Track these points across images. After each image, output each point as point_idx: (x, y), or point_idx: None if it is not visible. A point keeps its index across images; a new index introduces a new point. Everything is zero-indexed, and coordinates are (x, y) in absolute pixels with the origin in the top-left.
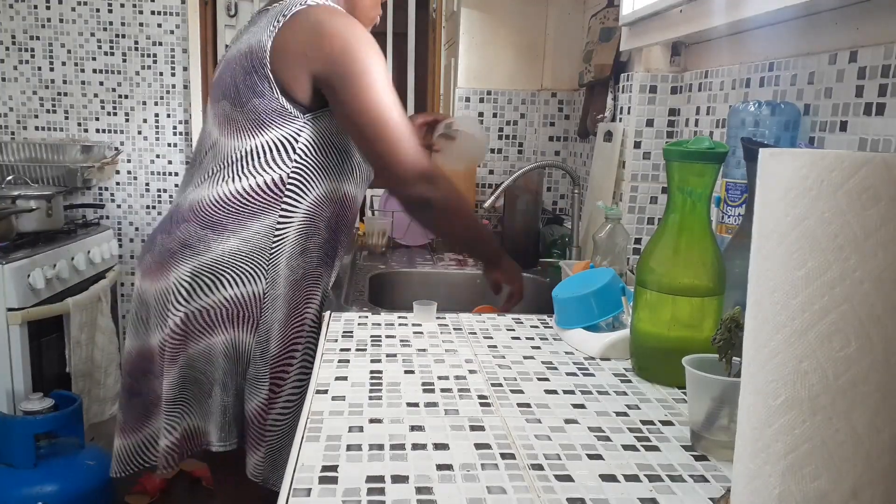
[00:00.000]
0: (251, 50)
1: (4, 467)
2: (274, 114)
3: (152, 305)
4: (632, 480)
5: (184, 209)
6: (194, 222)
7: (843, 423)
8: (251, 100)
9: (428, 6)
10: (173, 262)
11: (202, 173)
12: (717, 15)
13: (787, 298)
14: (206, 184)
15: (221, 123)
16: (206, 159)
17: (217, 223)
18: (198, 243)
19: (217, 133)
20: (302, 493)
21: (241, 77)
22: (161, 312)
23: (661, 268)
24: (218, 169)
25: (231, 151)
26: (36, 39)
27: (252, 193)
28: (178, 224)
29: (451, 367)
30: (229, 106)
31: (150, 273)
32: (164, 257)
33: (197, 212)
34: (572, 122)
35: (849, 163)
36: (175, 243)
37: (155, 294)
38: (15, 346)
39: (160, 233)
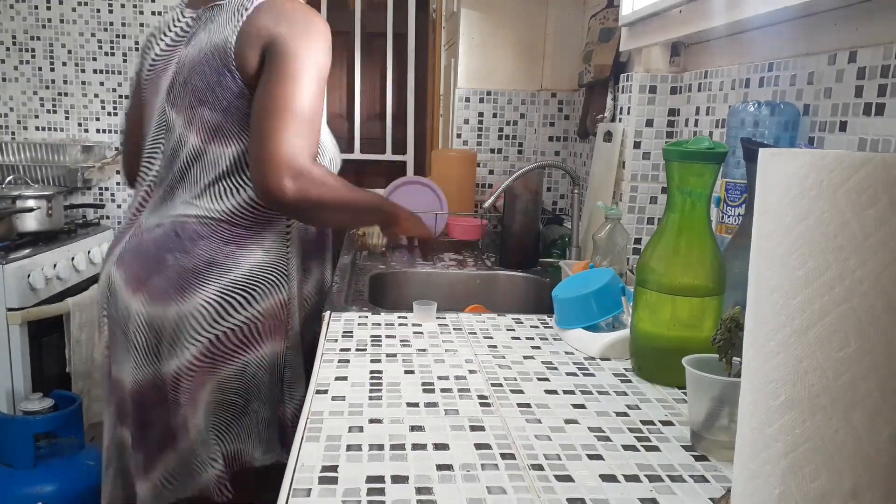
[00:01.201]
0: (216, 48)
1: (4, 467)
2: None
3: (167, 331)
4: (632, 480)
5: (192, 225)
6: (215, 239)
7: (843, 423)
8: (232, 102)
9: (428, 7)
10: (198, 284)
11: (196, 185)
12: (717, 15)
13: (786, 298)
14: (209, 197)
15: (202, 130)
16: (192, 170)
17: (239, 237)
18: (225, 260)
19: (198, 141)
20: (302, 494)
21: (214, 78)
22: (180, 338)
23: (661, 268)
24: (217, 179)
25: (226, 160)
26: (36, 40)
27: (260, 206)
28: (193, 241)
29: (451, 367)
30: (209, 112)
31: (162, 297)
32: (185, 278)
33: (213, 227)
34: (572, 122)
35: (848, 163)
36: (199, 262)
37: (173, 319)
38: (15, 346)
39: (169, 252)
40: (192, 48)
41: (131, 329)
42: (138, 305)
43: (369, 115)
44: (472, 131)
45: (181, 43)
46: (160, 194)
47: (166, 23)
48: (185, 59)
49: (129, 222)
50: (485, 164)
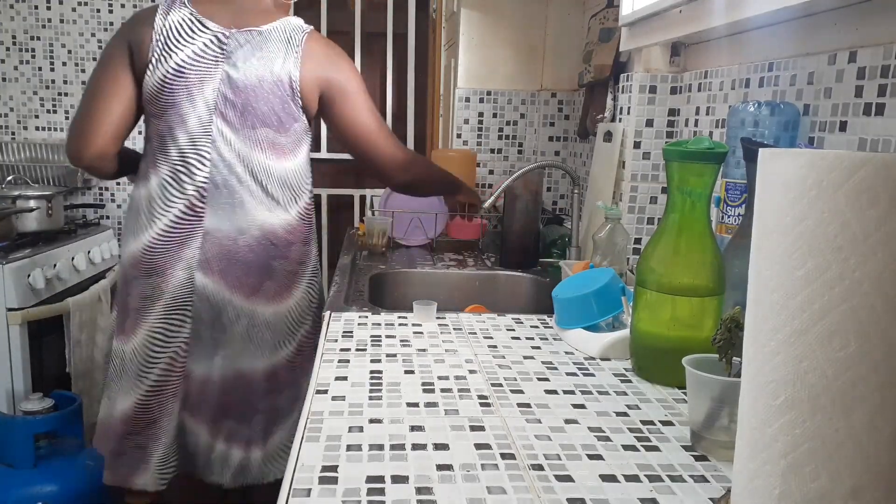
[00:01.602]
0: (280, 80)
1: (4, 467)
2: (304, 132)
3: (280, 325)
4: (632, 480)
5: (282, 234)
6: (298, 242)
7: (843, 423)
8: (292, 125)
9: (428, 7)
10: (295, 282)
11: (268, 197)
12: (717, 15)
13: (786, 298)
14: (283, 206)
15: (264, 149)
16: (258, 182)
17: (307, 238)
18: (306, 258)
19: (263, 158)
20: (302, 494)
21: (278, 106)
22: (289, 327)
23: (661, 268)
24: (282, 191)
25: (286, 173)
26: (36, 40)
27: (310, 205)
28: (288, 248)
29: (451, 367)
30: (272, 133)
31: (273, 298)
32: (287, 280)
33: (294, 232)
34: (572, 122)
35: (848, 163)
36: (293, 265)
37: (281, 314)
38: (15, 346)
39: (273, 259)
40: (244, 71)
41: (238, 329)
42: (254, 307)
43: None
44: (472, 131)
45: (220, 59)
46: (223, 203)
47: (181, 25)
48: (238, 82)
49: (180, 226)
50: (485, 164)
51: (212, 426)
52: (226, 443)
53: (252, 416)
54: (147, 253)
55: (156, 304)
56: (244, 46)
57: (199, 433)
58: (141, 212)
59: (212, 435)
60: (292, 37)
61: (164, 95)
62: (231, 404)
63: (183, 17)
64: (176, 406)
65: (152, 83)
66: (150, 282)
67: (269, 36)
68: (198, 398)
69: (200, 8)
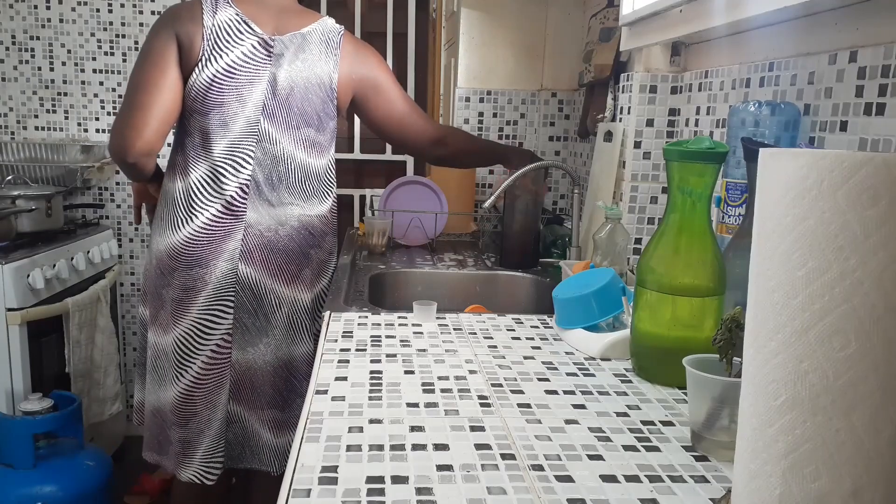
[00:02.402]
0: (322, 82)
1: (4, 468)
2: (335, 130)
3: (315, 309)
4: (632, 481)
5: (318, 225)
6: (331, 233)
7: (843, 424)
8: (329, 123)
9: (428, 6)
10: (326, 269)
11: (305, 191)
12: (717, 15)
13: (787, 298)
14: (318, 199)
15: (306, 147)
16: (300, 179)
17: (336, 230)
18: (335, 249)
19: (304, 156)
20: (302, 494)
21: (319, 106)
22: (317, 312)
23: (661, 268)
24: (321, 189)
25: (319, 169)
26: (36, 39)
27: (336, 199)
28: (323, 237)
29: (451, 368)
30: (314, 132)
31: (310, 284)
32: (320, 268)
33: (328, 224)
34: (572, 122)
35: (849, 163)
36: (326, 254)
37: (314, 299)
38: (14, 346)
39: (311, 248)
40: (290, 74)
41: (281, 316)
42: (292, 293)
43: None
44: (472, 131)
45: (268, 63)
46: (264, 199)
47: (231, 26)
48: (284, 83)
49: (222, 220)
50: None
51: (260, 414)
52: (274, 430)
53: (296, 401)
54: (189, 245)
55: (199, 295)
56: (289, 49)
57: (248, 422)
58: (177, 205)
59: (260, 423)
60: (330, 38)
61: (213, 94)
62: (278, 391)
63: (230, 18)
64: (222, 397)
65: (201, 81)
66: (192, 273)
67: (310, 38)
68: (245, 387)
69: (244, 9)
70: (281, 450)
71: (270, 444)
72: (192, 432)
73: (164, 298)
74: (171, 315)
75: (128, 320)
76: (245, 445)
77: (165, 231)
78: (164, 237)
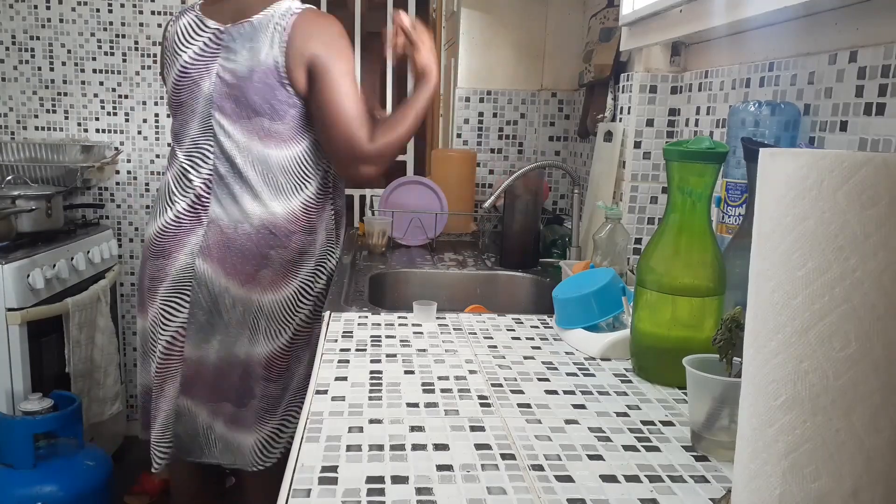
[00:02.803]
0: (268, 68)
1: (4, 468)
2: (304, 118)
3: (276, 313)
4: (632, 481)
5: (283, 223)
6: (300, 233)
7: (843, 424)
8: (288, 111)
9: (428, 6)
10: (294, 271)
11: (269, 185)
12: (717, 15)
13: (787, 298)
14: (285, 195)
15: (262, 138)
16: (259, 171)
17: (313, 227)
18: (309, 247)
19: (261, 147)
20: (302, 494)
21: (269, 94)
22: (286, 314)
23: (661, 268)
24: (286, 179)
25: (283, 161)
26: (36, 39)
27: (321, 192)
28: (288, 237)
29: (451, 368)
30: (268, 121)
31: (270, 286)
32: (285, 269)
33: (297, 222)
34: (572, 122)
35: (849, 163)
36: (293, 254)
37: (278, 302)
38: (14, 346)
39: (271, 249)
40: (235, 64)
41: (235, 315)
42: (249, 295)
43: (369, 114)
44: (472, 131)
45: (217, 54)
46: (226, 193)
47: (186, 28)
48: (231, 74)
49: (189, 214)
50: (485, 164)
51: (213, 408)
52: (224, 426)
53: (249, 401)
54: (159, 236)
55: (160, 286)
56: (237, 39)
57: (197, 415)
58: (161, 197)
59: (213, 416)
60: (279, 21)
61: (175, 96)
62: (228, 389)
63: (188, 21)
64: (173, 389)
65: (168, 87)
66: (157, 264)
67: (260, 25)
68: (196, 382)
69: (205, 9)
70: (235, 444)
71: (224, 437)
72: (155, 409)
73: (142, 286)
74: (144, 303)
75: (128, 320)
76: (195, 439)
77: (150, 222)
78: (148, 227)
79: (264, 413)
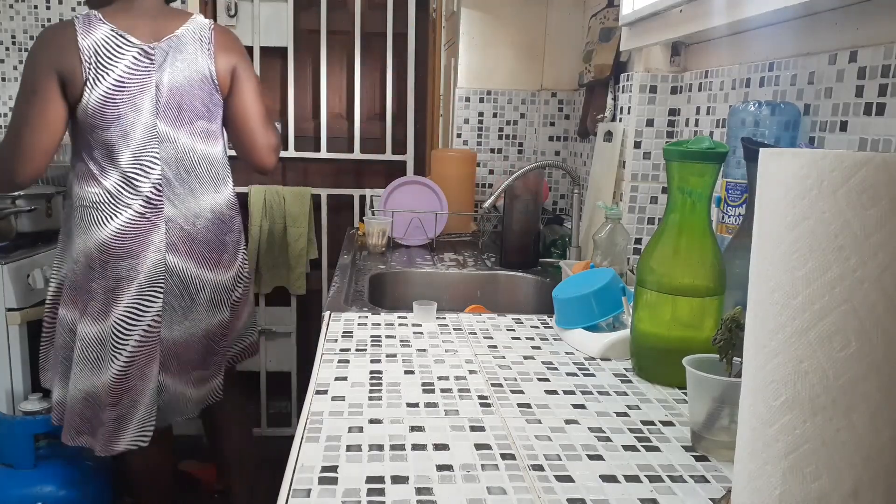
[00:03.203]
0: (203, 76)
1: (4, 468)
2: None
3: (231, 284)
4: (632, 481)
5: (226, 211)
6: (237, 215)
7: (843, 424)
8: (217, 112)
9: (428, 6)
10: (238, 251)
11: (212, 180)
12: (717, 15)
13: (787, 298)
14: (224, 187)
15: (203, 139)
16: (203, 168)
17: (238, 208)
18: (241, 226)
19: (203, 147)
20: (302, 494)
21: (206, 98)
22: (235, 282)
23: (661, 268)
24: (224, 173)
25: (218, 155)
26: None
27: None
28: (232, 221)
29: (451, 368)
30: (206, 123)
31: (228, 265)
32: (235, 249)
33: (233, 206)
34: (572, 122)
35: (849, 163)
36: (237, 235)
37: (232, 276)
38: (14, 346)
39: (224, 234)
40: (174, 75)
41: (204, 296)
42: (214, 276)
43: (369, 114)
44: (472, 131)
45: (151, 69)
46: (177, 193)
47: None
48: (170, 85)
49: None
50: (485, 164)
51: (185, 377)
52: (197, 384)
53: (212, 359)
54: (118, 238)
55: (131, 284)
56: (168, 53)
57: (176, 386)
58: (98, 207)
59: (185, 384)
60: (202, 34)
61: (109, 109)
62: (199, 356)
63: (106, 35)
64: (153, 370)
65: (94, 100)
66: (124, 264)
67: (184, 38)
68: (172, 359)
69: (118, 23)
70: (201, 398)
71: (193, 398)
72: (125, 407)
73: (93, 290)
74: (102, 304)
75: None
76: (173, 406)
77: (90, 230)
78: (90, 235)
79: (221, 360)
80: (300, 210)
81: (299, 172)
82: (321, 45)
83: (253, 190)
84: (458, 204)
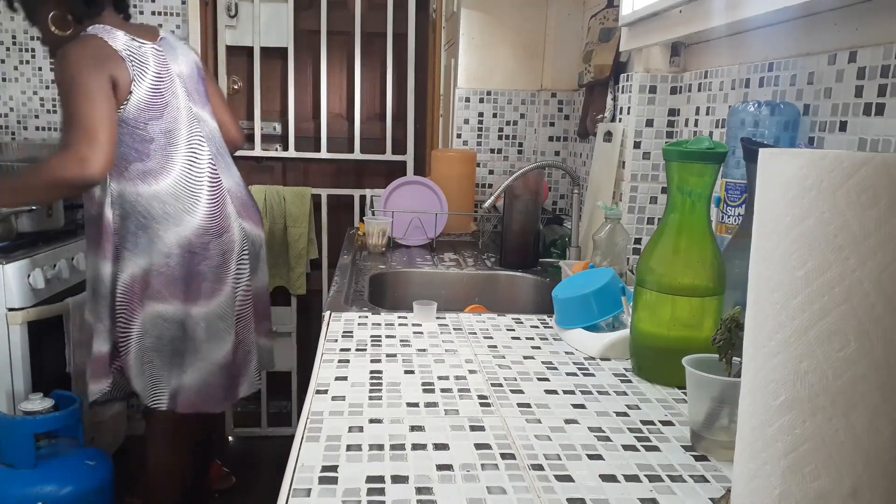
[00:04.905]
0: (199, 68)
1: (4, 467)
2: None
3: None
4: (632, 481)
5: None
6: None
7: (842, 423)
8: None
9: (428, 7)
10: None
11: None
12: (717, 15)
13: (786, 298)
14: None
15: (212, 117)
16: (223, 143)
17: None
18: None
19: (214, 123)
20: (302, 494)
21: (202, 88)
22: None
23: (660, 268)
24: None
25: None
26: (36, 39)
27: None
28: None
29: (451, 367)
30: (210, 104)
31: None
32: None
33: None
34: (572, 122)
35: (848, 163)
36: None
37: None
38: (15, 346)
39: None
40: (181, 67)
41: (264, 252)
42: (260, 233)
43: (369, 115)
44: (472, 131)
45: (167, 62)
46: (223, 165)
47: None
48: (183, 75)
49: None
50: (485, 164)
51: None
52: (266, 337)
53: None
54: (211, 218)
55: (232, 254)
56: (169, 50)
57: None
58: (177, 197)
59: (260, 335)
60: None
61: (159, 98)
62: (265, 308)
63: (125, 38)
64: (252, 322)
65: (143, 93)
66: (223, 238)
67: (170, 38)
68: (257, 311)
69: (126, 29)
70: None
71: (268, 348)
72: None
73: (202, 273)
74: (213, 281)
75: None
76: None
77: (182, 219)
78: (180, 225)
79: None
80: (300, 210)
81: (299, 172)
82: (321, 46)
83: (253, 190)
84: (458, 204)
